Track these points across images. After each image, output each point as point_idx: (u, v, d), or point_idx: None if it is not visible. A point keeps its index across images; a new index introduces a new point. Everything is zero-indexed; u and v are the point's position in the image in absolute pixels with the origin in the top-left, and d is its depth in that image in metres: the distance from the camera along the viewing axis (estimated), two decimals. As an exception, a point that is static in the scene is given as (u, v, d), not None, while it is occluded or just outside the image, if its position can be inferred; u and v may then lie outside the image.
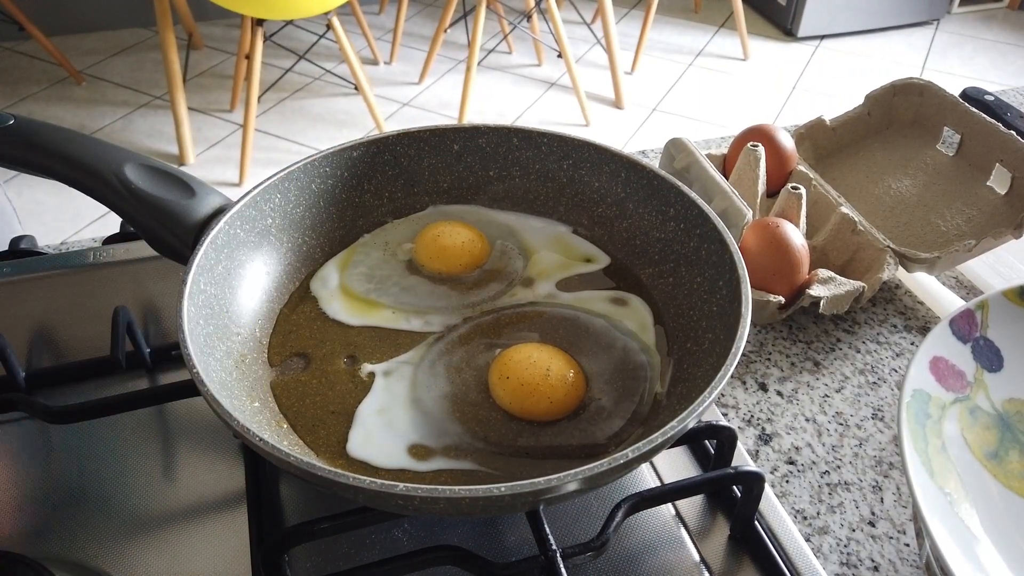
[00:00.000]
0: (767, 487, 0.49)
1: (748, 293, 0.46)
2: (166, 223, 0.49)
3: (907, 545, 0.52)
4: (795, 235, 0.64)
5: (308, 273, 0.57)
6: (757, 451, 0.57)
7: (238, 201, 0.51)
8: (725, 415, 0.60)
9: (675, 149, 0.69)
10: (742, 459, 0.52)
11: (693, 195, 0.53)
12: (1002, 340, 0.56)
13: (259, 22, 2.26)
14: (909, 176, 0.78)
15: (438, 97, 2.90)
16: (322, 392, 0.49)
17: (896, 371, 0.64)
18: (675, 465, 0.53)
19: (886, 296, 0.71)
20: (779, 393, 0.62)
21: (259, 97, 2.51)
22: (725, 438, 0.49)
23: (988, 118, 0.73)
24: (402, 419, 0.47)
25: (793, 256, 0.63)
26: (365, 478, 0.36)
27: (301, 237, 0.57)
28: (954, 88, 0.79)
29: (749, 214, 0.60)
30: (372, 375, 0.50)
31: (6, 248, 0.69)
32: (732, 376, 0.60)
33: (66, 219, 2.19)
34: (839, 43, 3.35)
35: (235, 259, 0.51)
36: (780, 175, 0.75)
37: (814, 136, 0.81)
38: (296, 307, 0.55)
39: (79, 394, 0.54)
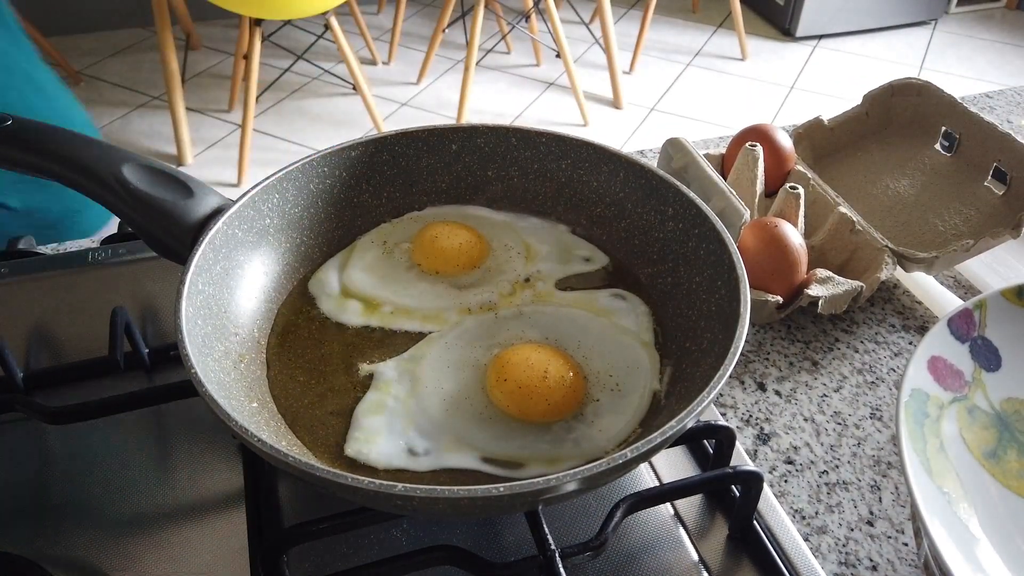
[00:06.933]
0: (765, 487, 0.49)
1: (747, 292, 0.46)
2: (164, 223, 0.49)
3: (905, 544, 0.52)
4: (793, 235, 0.64)
5: (306, 273, 0.57)
6: (755, 451, 0.57)
7: (236, 201, 0.51)
8: (723, 415, 0.60)
9: (673, 149, 0.69)
10: (740, 459, 0.52)
11: (691, 195, 0.53)
12: (1000, 340, 0.56)
13: (257, 22, 2.26)
14: (907, 176, 0.78)
15: (436, 97, 2.90)
16: (320, 392, 0.49)
17: (894, 371, 0.64)
18: (674, 465, 0.53)
19: (884, 296, 0.71)
20: (777, 393, 0.62)
21: (257, 97, 2.51)
22: (724, 438, 0.49)
23: (986, 118, 0.73)
24: (401, 419, 0.47)
25: (791, 256, 0.63)
26: (364, 478, 0.36)
27: (299, 237, 0.57)
28: (952, 88, 0.79)
29: (747, 214, 0.60)
30: (370, 375, 0.50)
31: (4, 248, 0.69)
32: (731, 376, 0.60)
33: (64, 219, 2.19)
34: (837, 43, 3.36)
35: (233, 259, 0.51)
36: (778, 175, 0.75)
37: (812, 136, 0.81)
38: (294, 307, 0.55)
39: (77, 394, 0.54)
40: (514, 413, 0.47)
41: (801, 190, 0.69)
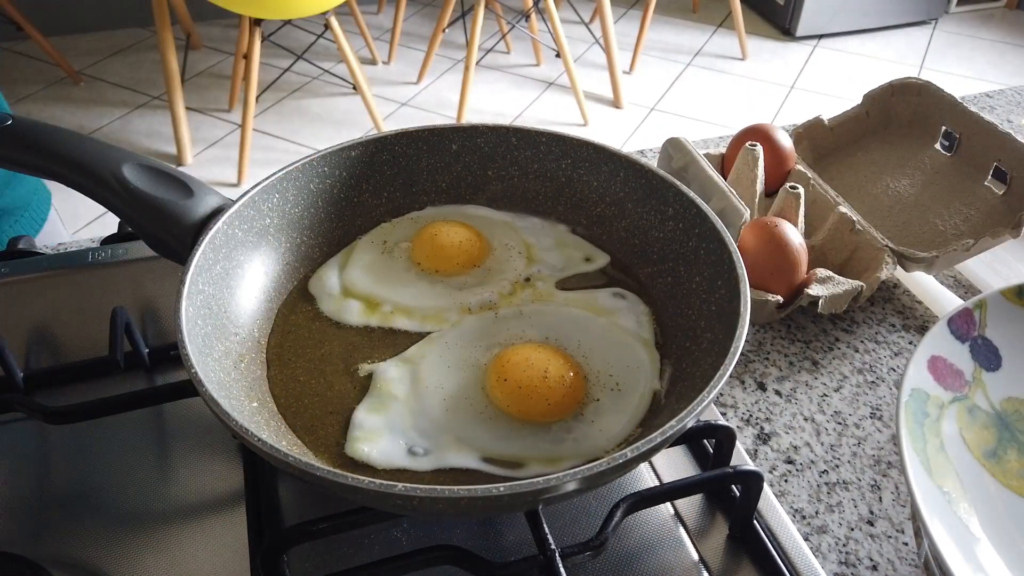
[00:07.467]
0: (766, 486, 0.49)
1: (747, 292, 0.46)
2: (164, 223, 0.49)
3: (906, 544, 0.52)
4: (793, 234, 0.64)
5: (306, 273, 0.57)
6: (756, 450, 0.57)
7: (236, 201, 0.51)
8: (724, 414, 0.60)
9: (673, 149, 0.69)
10: (741, 458, 0.52)
11: (691, 194, 0.53)
12: (1000, 339, 0.56)
13: (257, 22, 2.26)
14: (907, 175, 0.78)
15: (436, 97, 2.90)
16: (320, 392, 0.49)
17: (894, 370, 0.64)
18: (674, 464, 0.53)
19: (884, 295, 0.71)
20: (778, 392, 0.62)
21: (257, 97, 2.51)
22: (724, 437, 0.49)
23: (986, 118, 0.73)
24: (401, 419, 0.47)
25: (791, 255, 0.63)
26: (364, 478, 0.36)
27: (299, 237, 0.57)
28: (952, 88, 0.79)
29: (747, 213, 0.60)
30: (370, 375, 0.50)
31: (4, 248, 0.69)
32: (731, 375, 0.60)
33: (64, 219, 2.19)
34: (837, 42, 3.36)
35: (233, 259, 0.51)
36: (778, 174, 0.75)
37: (812, 136, 0.81)
38: (294, 307, 0.55)
39: (77, 394, 0.54)
40: (514, 413, 0.47)
41: (801, 190, 0.69)
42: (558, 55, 2.71)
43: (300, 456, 0.37)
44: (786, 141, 0.76)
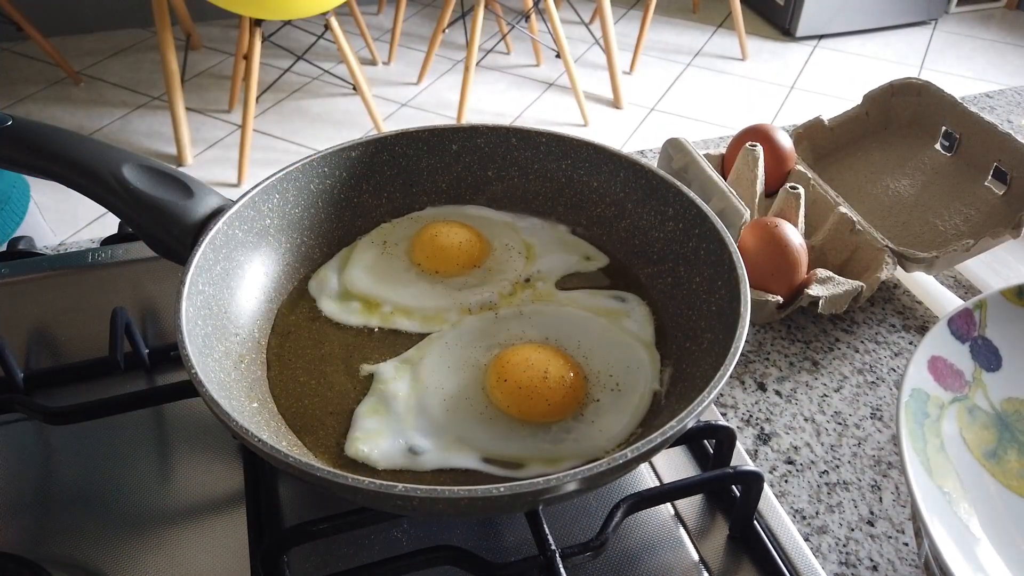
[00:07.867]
0: (766, 487, 0.49)
1: (747, 292, 0.46)
2: (164, 224, 0.49)
3: (906, 544, 0.52)
4: (793, 235, 0.64)
5: (306, 273, 0.57)
6: (756, 451, 0.57)
7: (236, 202, 0.51)
8: (724, 415, 0.60)
9: (673, 149, 0.69)
10: (741, 459, 0.52)
11: (692, 195, 0.53)
12: (1000, 339, 0.56)
13: (257, 22, 2.26)
14: (907, 176, 0.78)
15: (436, 97, 2.90)
16: (320, 393, 0.49)
17: (895, 370, 0.64)
18: (674, 465, 0.53)
19: (884, 296, 0.71)
20: (778, 393, 0.62)
21: (257, 97, 2.51)
22: (724, 438, 0.49)
23: (986, 118, 0.73)
24: (401, 419, 0.47)
25: (791, 256, 0.63)
26: (364, 479, 0.36)
27: (299, 237, 0.57)
28: (952, 88, 0.79)
29: (747, 214, 0.60)
30: (371, 375, 0.50)
31: (4, 249, 0.69)
32: (731, 376, 0.60)
33: (64, 220, 2.19)
34: (837, 43, 3.36)
35: (233, 259, 0.51)
36: (778, 175, 0.75)
37: (812, 136, 0.81)
38: (295, 307, 0.55)
39: (78, 395, 0.54)
40: (514, 413, 0.47)
41: (801, 190, 0.69)
42: (558, 55, 2.71)
43: (300, 456, 0.37)
44: (786, 141, 0.76)
